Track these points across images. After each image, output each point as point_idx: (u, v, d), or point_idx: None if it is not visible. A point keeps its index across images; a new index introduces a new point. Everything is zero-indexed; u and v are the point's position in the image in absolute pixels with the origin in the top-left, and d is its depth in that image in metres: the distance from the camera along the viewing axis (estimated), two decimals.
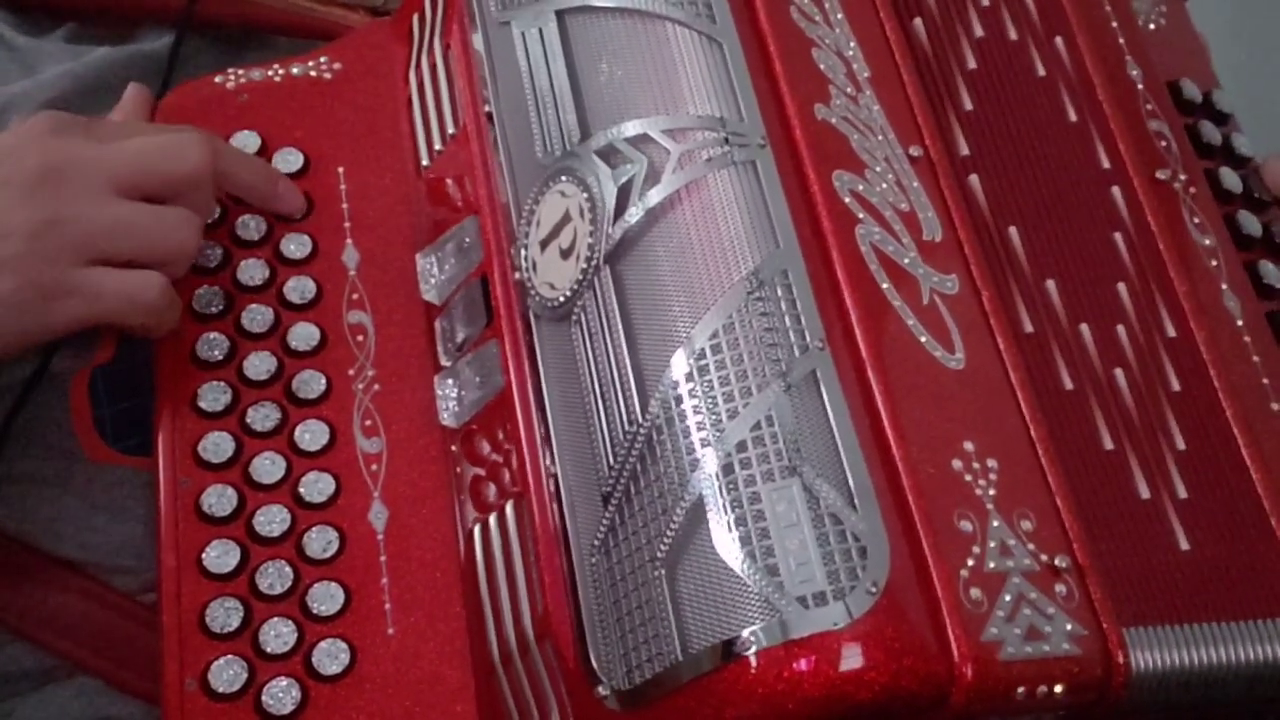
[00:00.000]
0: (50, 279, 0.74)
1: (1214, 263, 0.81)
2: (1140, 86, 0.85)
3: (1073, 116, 0.82)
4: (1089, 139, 0.81)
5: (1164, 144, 0.84)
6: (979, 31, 0.82)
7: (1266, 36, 1.55)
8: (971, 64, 0.81)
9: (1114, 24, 0.87)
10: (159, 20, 0.95)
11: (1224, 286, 0.80)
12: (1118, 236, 0.79)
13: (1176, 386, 0.76)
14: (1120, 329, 0.77)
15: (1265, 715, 0.73)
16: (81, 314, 0.76)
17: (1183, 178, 0.83)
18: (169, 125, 0.85)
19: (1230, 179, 0.87)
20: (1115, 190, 0.80)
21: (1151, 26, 0.92)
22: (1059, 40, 0.84)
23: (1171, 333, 0.78)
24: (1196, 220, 0.81)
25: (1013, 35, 0.83)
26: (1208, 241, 0.81)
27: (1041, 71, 0.83)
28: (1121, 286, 0.78)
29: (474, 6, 0.83)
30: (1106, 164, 0.81)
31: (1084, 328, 0.76)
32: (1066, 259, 0.78)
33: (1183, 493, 0.73)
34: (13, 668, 0.80)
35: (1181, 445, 0.75)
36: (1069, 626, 0.65)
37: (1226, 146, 0.89)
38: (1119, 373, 0.75)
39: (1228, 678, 0.68)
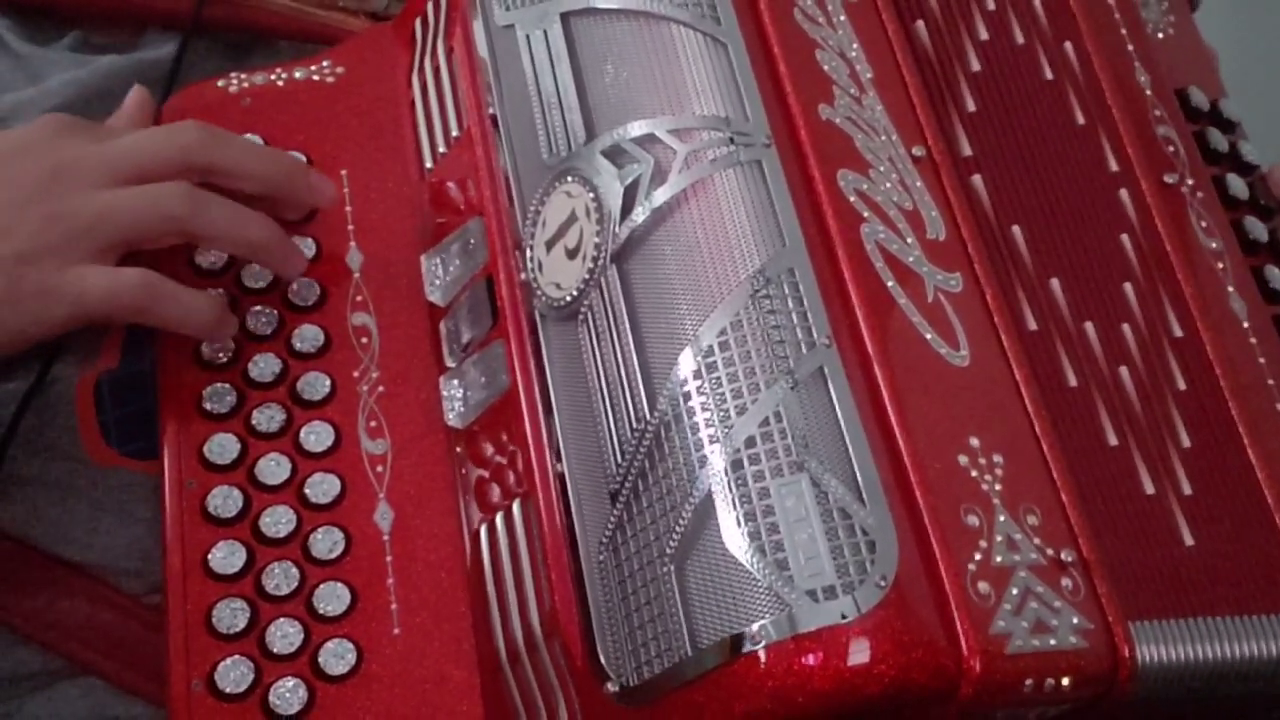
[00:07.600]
0: (44, 277, 0.74)
1: (1220, 266, 0.81)
2: (1149, 93, 0.86)
3: (1080, 120, 0.82)
4: (1097, 142, 0.82)
5: (1171, 149, 0.84)
6: (984, 34, 0.83)
7: (1272, 47, 1.57)
8: (975, 66, 0.82)
9: (1123, 31, 0.87)
10: (163, 27, 0.95)
11: (1230, 289, 0.81)
12: (1125, 238, 0.80)
13: (1183, 385, 0.77)
14: (1126, 327, 0.77)
15: (1272, 710, 0.74)
16: (76, 314, 0.76)
17: (1190, 182, 0.83)
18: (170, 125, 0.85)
19: (1236, 185, 0.87)
20: (1123, 193, 0.81)
21: (1160, 36, 0.92)
22: (1068, 45, 0.84)
23: (1178, 333, 0.78)
24: (1204, 224, 0.82)
25: (1020, 39, 0.83)
26: (1214, 245, 0.82)
27: (1049, 75, 0.83)
28: (1128, 286, 0.78)
29: (477, 9, 0.84)
30: (1115, 167, 0.81)
31: (1089, 326, 0.76)
32: (1072, 258, 0.78)
33: (1187, 489, 0.74)
34: (20, 670, 0.80)
35: (1187, 442, 0.75)
36: (1075, 620, 0.65)
37: (1233, 154, 0.90)
38: (1124, 370, 0.76)
39: (1234, 672, 0.69)
